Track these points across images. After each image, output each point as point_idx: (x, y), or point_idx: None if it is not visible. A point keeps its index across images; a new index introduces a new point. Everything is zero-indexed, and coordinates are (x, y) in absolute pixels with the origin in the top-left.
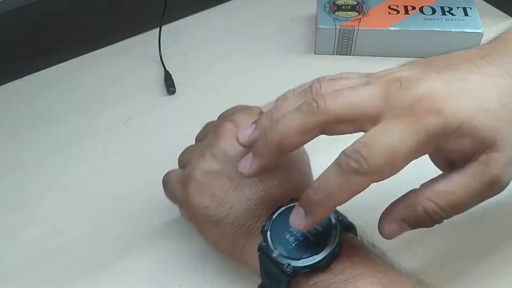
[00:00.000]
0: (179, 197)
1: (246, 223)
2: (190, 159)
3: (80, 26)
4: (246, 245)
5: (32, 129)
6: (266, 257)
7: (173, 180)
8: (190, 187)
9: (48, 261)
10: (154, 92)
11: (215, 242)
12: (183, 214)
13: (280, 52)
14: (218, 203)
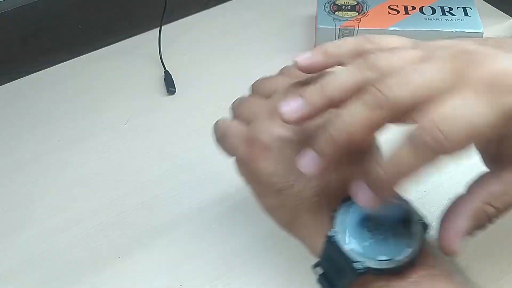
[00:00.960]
0: (242, 156)
1: (313, 198)
2: (256, 116)
3: (80, 26)
4: (307, 221)
5: (32, 129)
6: (335, 247)
7: (235, 136)
8: (257, 150)
9: (48, 261)
10: (154, 92)
11: (273, 211)
12: (240, 173)
13: (280, 52)
14: (285, 172)
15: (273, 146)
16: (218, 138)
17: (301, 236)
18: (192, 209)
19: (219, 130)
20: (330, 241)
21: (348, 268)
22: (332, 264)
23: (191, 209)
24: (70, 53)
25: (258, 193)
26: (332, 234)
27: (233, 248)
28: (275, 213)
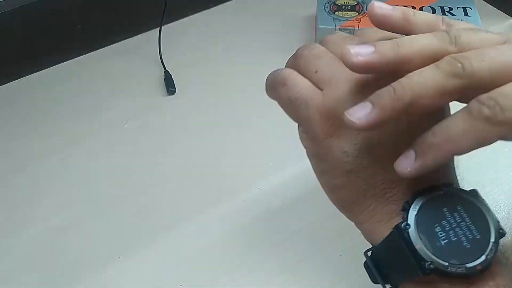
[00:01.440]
0: (315, 129)
1: (382, 185)
2: (334, 81)
3: (80, 26)
4: (372, 207)
5: (32, 129)
6: (406, 241)
7: (309, 105)
8: (335, 126)
9: (48, 261)
10: (154, 92)
11: (335, 190)
12: (306, 145)
13: (280, 52)
14: (359, 152)
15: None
16: (278, 93)
17: (360, 219)
18: (192, 209)
19: (287, 88)
20: (401, 234)
21: (413, 265)
22: (394, 256)
23: (191, 209)
24: (70, 53)
25: (322, 170)
26: (404, 228)
27: (233, 248)
28: (336, 193)
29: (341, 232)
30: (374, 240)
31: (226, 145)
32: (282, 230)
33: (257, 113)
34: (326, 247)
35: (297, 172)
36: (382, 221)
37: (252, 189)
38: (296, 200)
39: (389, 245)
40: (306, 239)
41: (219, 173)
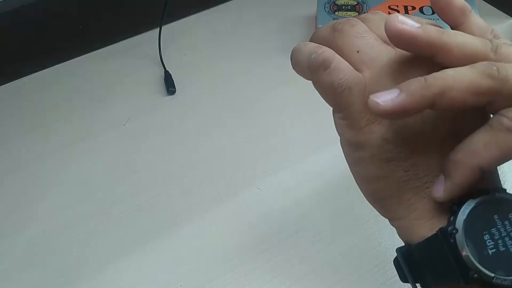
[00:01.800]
0: (355, 115)
1: (424, 178)
2: (374, 60)
3: (80, 26)
4: (412, 202)
5: (32, 129)
6: (451, 247)
7: (351, 86)
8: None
9: (48, 261)
10: (154, 92)
11: (370, 180)
12: (342, 131)
13: (280, 52)
14: (401, 141)
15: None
16: (325, 81)
17: (396, 215)
18: (192, 209)
19: (330, 72)
20: (446, 239)
21: (455, 272)
22: (433, 259)
23: (191, 209)
24: (70, 53)
25: (358, 159)
26: (451, 232)
27: (233, 248)
28: (372, 185)
29: (341, 232)
30: (411, 239)
31: (226, 145)
32: (282, 230)
33: (257, 113)
34: (326, 247)
35: (297, 172)
36: (422, 219)
37: (252, 189)
38: (296, 200)
39: (429, 247)
40: (306, 239)
41: (219, 173)
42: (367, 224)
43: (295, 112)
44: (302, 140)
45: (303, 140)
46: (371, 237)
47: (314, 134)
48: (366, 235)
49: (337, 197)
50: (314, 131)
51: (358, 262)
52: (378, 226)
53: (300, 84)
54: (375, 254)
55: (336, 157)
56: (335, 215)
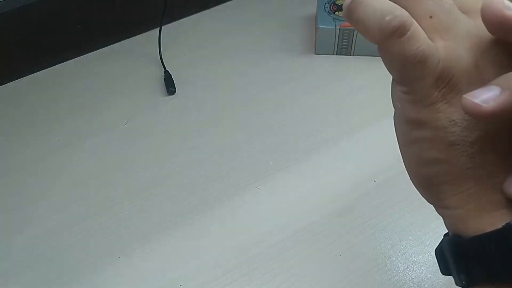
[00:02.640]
0: (422, 91)
1: (491, 167)
2: (449, 28)
3: (80, 26)
4: (472, 192)
5: (32, 129)
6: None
7: (425, 59)
8: (447, 88)
9: (48, 261)
10: (154, 92)
11: (428, 162)
12: (403, 106)
13: (280, 52)
14: (470, 124)
15: (470, 89)
16: (397, 50)
17: (450, 203)
18: (192, 209)
19: (405, 41)
20: (508, 235)
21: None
22: (492, 255)
23: (191, 209)
24: (70, 53)
25: (417, 139)
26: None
27: (233, 248)
28: (429, 168)
29: (341, 232)
30: (464, 231)
31: (225, 145)
32: (282, 230)
33: (257, 113)
34: (326, 247)
35: (297, 172)
36: (482, 211)
37: (252, 189)
38: (296, 200)
39: (489, 242)
40: (306, 239)
41: (219, 173)
42: (367, 224)
43: (295, 112)
44: (302, 140)
45: (303, 140)
46: (371, 237)
47: (314, 134)
48: (366, 235)
49: (337, 197)
50: (314, 131)
51: (358, 262)
52: (378, 226)
53: (300, 84)
54: (375, 254)
55: (336, 157)
56: (335, 215)
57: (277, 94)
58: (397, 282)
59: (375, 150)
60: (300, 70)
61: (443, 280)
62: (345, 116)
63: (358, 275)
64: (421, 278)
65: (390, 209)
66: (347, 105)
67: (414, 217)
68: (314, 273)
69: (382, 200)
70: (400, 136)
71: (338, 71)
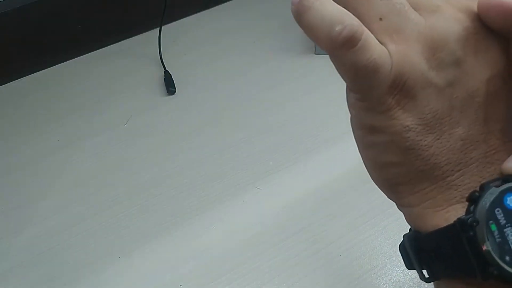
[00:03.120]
0: (375, 99)
1: (445, 167)
2: (400, 30)
3: (80, 26)
4: (427, 191)
5: (32, 129)
6: (468, 241)
7: (377, 68)
8: (403, 94)
9: (48, 261)
10: (154, 92)
11: (384, 166)
12: (357, 113)
13: (280, 52)
14: (424, 128)
15: (424, 93)
16: (348, 61)
17: (408, 202)
18: (192, 209)
19: (356, 51)
20: (464, 231)
21: (472, 267)
22: (447, 250)
23: (191, 209)
24: (70, 53)
25: (372, 143)
26: (471, 224)
27: (233, 248)
28: (385, 171)
29: (341, 232)
30: (422, 227)
31: (225, 145)
32: (282, 230)
33: (256, 113)
34: (326, 247)
35: (297, 172)
36: (437, 208)
37: (252, 189)
38: (296, 200)
39: (443, 237)
40: (306, 239)
41: (219, 173)
42: (367, 224)
43: (295, 112)
44: (302, 140)
45: (303, 140)
46: (371, 237)
47: (314, 134)
48: (366, 235)
49: (337, 197)
50: (314, 131)
51: (358, 262)
52: (378, 226)
53: (300, 84)
54: (375, 254)
55: (336, 157)
56: (335, 215)
57: (277, 94)
58: (397, 282)
59: None
60: (300, 70)
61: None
62: (345, 116)
63: (358, 275)
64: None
65: (390, 209)
66: (347, 105)
67: None
68: (314, 273)
69: (382, 200)
70: (357, 140)
71: None
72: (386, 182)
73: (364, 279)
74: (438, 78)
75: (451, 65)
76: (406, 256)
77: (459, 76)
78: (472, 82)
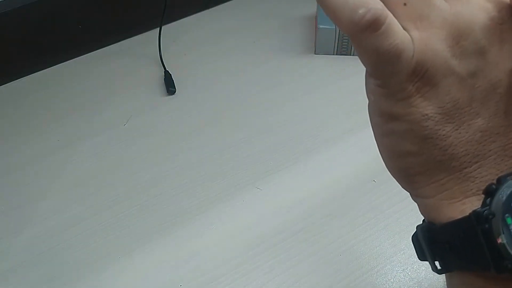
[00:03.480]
0: (396, 85)
1: (462, 158)
2: (424, 16)
3: (80, 26)
4: (444, 182)
5: (32, 129)
6: (483, 233)
7: (400, 54)
8: (423, 82)
9: (48, 261)
10: (154, 92)
11: (401, 155)
12: (376, 99)
13: (280, 52)
14: (443, 118)
15: (445, 82)
16: (370, 45)
17: (423, 193)
18: (192, 209)
19: (378, 36)
20: (480, 223)
21: (486, 260)
22: (461, 243)
23: (191, 209)
24: (70, 53)
25: (390, 131)
26: (486, 217)
27: (233, 248)
28: (402, 160)
29: (341, 232)
30: (436, 219)
31: (225, 145)
32: (282, 230)
33: (256, 113)
34: (326, 247)
35: (297, 172)
36: (453, 200)
37: (252, 189)
38: (296, 200)
39: (458, 229)
40: (306, 239)
41: (219, 173)
42: (367, 224)
43: (295, 112)
44: (302, 140)
45: (303, 140)
46: (371, 237)
47: (314, 134)
48: (366, 235)
49: (337, 197)
50: (314, 130)
51: (358, 262)
52: (378, 226)
53: (300, 84)
54: (375, 254)
55: (336, 157)
56: (335, 215)
57: (277, 94)
58: (397, 282)
59: (375, 150)
60: (300, 70)
61: (443, 280)
62: (345, 116)
63: (358, 275)
64: (421, 278)
65: (390, 209)
66: (347, 105)
67: (414, 217)
68: (314, 273)
69: (382, 200)
70: (374, 128)
71: (338, 71)
72: (402, 171)
73: (364, 279)
74: (461, 67)
75: (474, 54)
76: (419, 247)
77: (482, 66)
78: (495, 72)
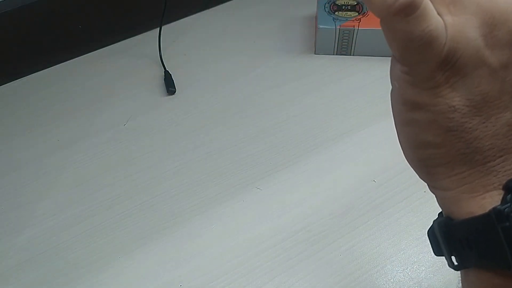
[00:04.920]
0: (424, 73)
1: (487, 152)
2: (457, 2)
3: (80, 26)
4: (466, 175)
5: (32, 129)
6: (504, 231)
7: (432, 40)
8: (452, 72)
9: (48, 261)
10: (154, 92)
11: (423, 145)
12: (402, 86)
13: (280, 52)
14: (470, 110)
15: (476, 73)
16: (402, 30)
17: (444, 185)
18: (192, 209)
19: (411, 20)
20: (500, 220)
21: (505, 258)
22: (480, 239)
23: (191, 209)
24: (70, 53)
25: (413, 120)
26: (507, 215)
27: (233, 248)
28: (424, 151)
29: (341, 232)
30: (455, 212)
31: (225, 145)
32: (282, 230)
33: (257, 113)
34: (326, 247)
35: (297, 172)
36: (473, 194)
37: (252, 189)
38: (296, 200)
39: (477, 226)
40: (306, 239)
41: (219, 173)
42: (367, 224)
43: (295, 112)
44: (302, 140)
45: (303, 140)
46: (371, 237)
47: (314, 134)
48: (366, 235)
49: (337, 197)
50: (314, 130)
51: (358, 262)
52: (378, 226)
53: (300, 84)
54: (375, 254)
55: (336, 157)
56: (335, 215)
57: (277, 94)
58: (397, 282)
59: (375, 150)
60: (300, 70)
61: (443, 280)
62: (345, 116)
63: (358, 275)
64: (421, 278)
65: (390, 209)
66: (347, 105)
67: (414, 217)
68: (314, 273)
69: (382, 200)
70: (396, 115)
71: (338, 71)
72: (422, 162)
73: (364, 279)
74: (493, 58)
75: (508, 45)
76: (435, 242)
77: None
78: None
